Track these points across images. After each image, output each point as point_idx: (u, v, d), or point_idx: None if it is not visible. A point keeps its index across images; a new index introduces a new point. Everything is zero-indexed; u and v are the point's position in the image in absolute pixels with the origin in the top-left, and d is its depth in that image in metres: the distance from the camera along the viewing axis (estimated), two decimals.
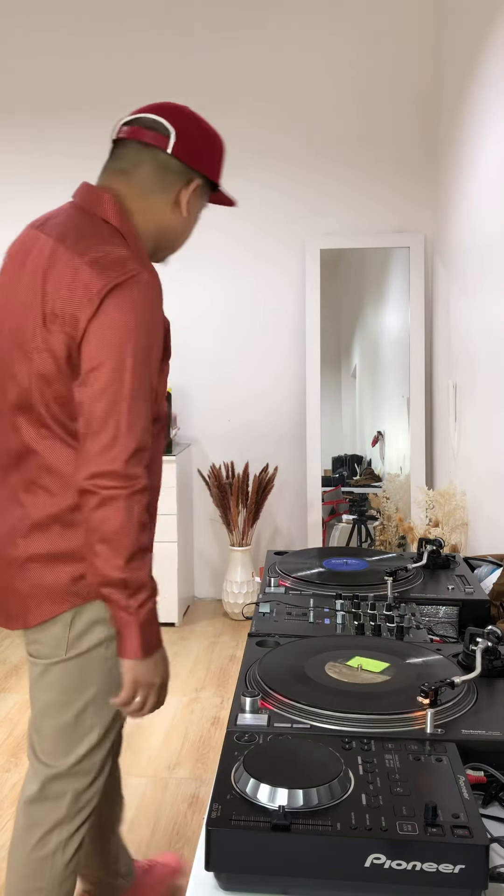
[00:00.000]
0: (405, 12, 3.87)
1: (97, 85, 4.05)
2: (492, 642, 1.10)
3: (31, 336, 1.28)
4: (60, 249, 1.28)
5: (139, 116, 1.38)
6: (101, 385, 1.23)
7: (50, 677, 1.37)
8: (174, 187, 1.39)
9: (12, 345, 1.31)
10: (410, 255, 3.90)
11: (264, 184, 4.03)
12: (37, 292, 1.28)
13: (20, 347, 1.30)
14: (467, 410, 3.03)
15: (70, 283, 1.25)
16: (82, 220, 1.33)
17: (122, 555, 1.23)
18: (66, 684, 1.37)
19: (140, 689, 1.31)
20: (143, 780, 2.48)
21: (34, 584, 1.33)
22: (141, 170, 1.37)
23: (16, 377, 1.31)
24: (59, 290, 1.26)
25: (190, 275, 4.11)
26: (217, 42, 3.97)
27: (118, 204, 1.35)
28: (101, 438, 1.22)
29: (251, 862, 0.75)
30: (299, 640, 1.21)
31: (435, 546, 1.63)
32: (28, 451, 1.32)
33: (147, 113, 1.37)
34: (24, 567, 1.34)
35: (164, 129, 1.37)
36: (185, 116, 1.40)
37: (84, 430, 1.24)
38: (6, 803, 2.35)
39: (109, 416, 1.22)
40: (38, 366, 1.28)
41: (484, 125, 2.78)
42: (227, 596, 3.97)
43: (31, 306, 1.28)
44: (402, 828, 0.75)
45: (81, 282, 1.24)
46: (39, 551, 1.33)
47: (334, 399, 4.03)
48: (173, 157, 1.37)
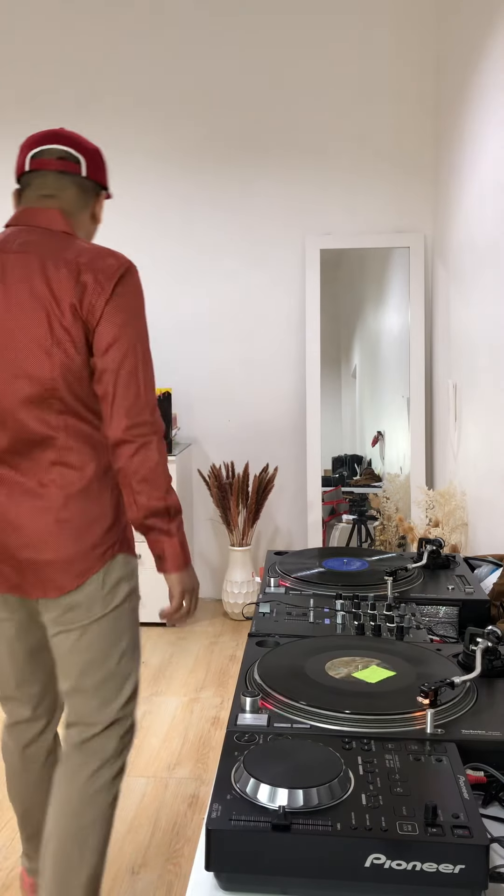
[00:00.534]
0: (405, 12, 3.87)
1: (94, 84, 4.05)
2: (492, 642, 1.10)
3: (49, 335, 1.48)
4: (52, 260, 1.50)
5: (48, 149, 1.58)
6: (122, 354, 1.49)
7: (89, 637, 1.56)
8: (91, 203, 1.65)
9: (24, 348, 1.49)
10: (410, 255, 3.90)
11: (264, 184, 4.03)
12: (45, 300, 1.48)
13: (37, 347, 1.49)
14: (467, 410, 3.03)
15: (79, 280, 1.48)
16: (50, 236, 1.55)
17: (161, 487, 1.51)
18: (104, 639, 1.56)
19: (186, 595, 1.60)
20: (143, 780, 2.48)
21: (73, 551, 1.52)
22: (66, 193, 1.59)
23: (32, 375, 1.49)
24: (70, 289, 1.47)
25: (190, 275, 4.11)
26: (216, 42, 3.97)
27: (68, 219, 1.59)
28: (129, 397, 1.49)
29: (251, 862, 0.75)
30: (299, 640, 1.21)
31: (435, 546, 1.63)
32: (47, 437, 1.52)
33: (51, 144, 1.58)
34: (63, 537, 1.52)
35: (74, 158, 1.60)
36: (83, 142, 1.63)
37: (112, 392, 1.49)
38: (6, 804, 2.35)
39: (132, 378, 1.50)
40: (61, 358, 1.49)
41: (484, 125, 2.78)
42: (227, 596, 3.97)
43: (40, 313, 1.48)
44: (402, 828, 0.75)
45: (91, 276, 1.48)
46: (76, 520, 1.52)
47: (334, 399, 4.03)
48: (88, 178, 1.62)
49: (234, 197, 4.05)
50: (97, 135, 4.06)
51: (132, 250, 4.12)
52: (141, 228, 4.11)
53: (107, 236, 4.12)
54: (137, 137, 4.06)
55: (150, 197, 4.09)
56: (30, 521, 1.52)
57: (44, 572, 1.53)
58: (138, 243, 4.12)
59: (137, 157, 4.07)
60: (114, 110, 4.06)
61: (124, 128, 4.06)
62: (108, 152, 4.08)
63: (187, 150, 4.04)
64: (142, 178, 4.08)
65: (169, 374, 4.19)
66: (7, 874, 2.04)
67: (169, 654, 3.49)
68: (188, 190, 4.06)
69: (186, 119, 4.02)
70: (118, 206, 4.10)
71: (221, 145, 4.02)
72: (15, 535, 1.53)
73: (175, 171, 4.06)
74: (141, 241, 4.11)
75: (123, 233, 4.11)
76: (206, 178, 4.05)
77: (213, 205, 4.06)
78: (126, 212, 4.10)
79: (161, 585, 3.79)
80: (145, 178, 4.08)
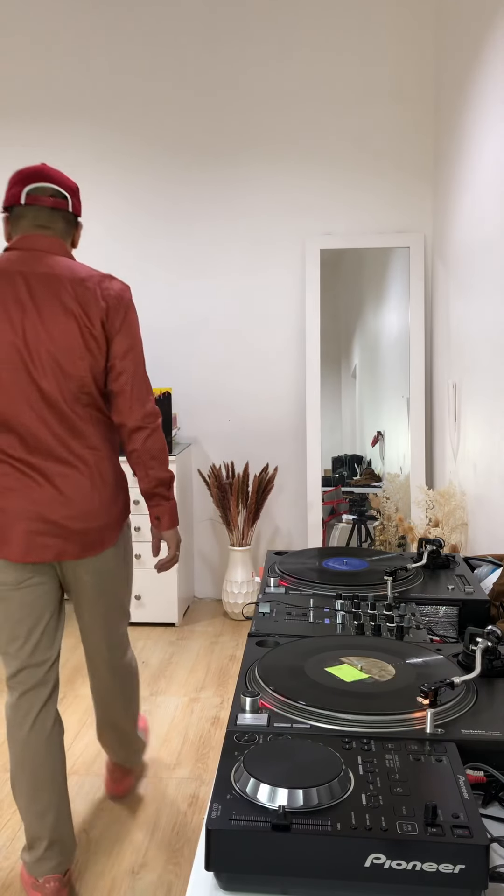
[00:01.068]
0: (405, 12, 3.87)
1: (95, 84, 4.05)
2: (492, 642, 1.10)
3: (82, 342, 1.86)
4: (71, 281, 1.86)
5: (41, 186, 1.91)
6: (135, 360, 1.93)
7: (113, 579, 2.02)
8: (72, 232, 1.99)
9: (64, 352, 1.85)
10: (410, 255, 3.90)
11: (264, 184, 4.03)
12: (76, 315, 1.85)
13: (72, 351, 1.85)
14: (467, 410, 3.03)
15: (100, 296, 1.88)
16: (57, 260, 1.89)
17: (165, 462, 2.00)
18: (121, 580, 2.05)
19: (177, 547, 2.09)
20: (143, 780, 2.48)
21: (108, 518, 1.95)
22: (57, 225, 1.94)
23: (72, 375, 1.86)
24: (95, 308, 1.87)
25: (190, 275, 4.11)
26: (217, 42, 3.97)
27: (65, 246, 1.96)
28: (141, 392, 1.94)
29: (251, 862, 0.75)
30: (299, 640, 1.21)
31: (435, 546, 1.63)
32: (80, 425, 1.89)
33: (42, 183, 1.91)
34: (102, 507, 1.93)
35: (63, 196, 1.94)
36: (68, 181, 1.96)
37: (129, 389, 1.92)
38: (6, 803, 2.35)
39: (142, 378, 1.94)
40: (90, 361, 1.87)
41: (484, 125, 2.78)
42: (227, 596, 3.97)
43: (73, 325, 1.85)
44: (402, 828, 0.75)
45: (106, 294, 1.90)
46: (107, 493, 1.94)
47: (334, 399, 4.03)
48: (72, 213, 1.96)
49: (234, 197, 4.05)
50: (98, 134, 4.07)
51: (133, 250, 4.12)
52: (141, 228, 4.11)
53: (107, 236, 4.12)
54: (138, 137, 4.06)
55: (151, 197, 4.09)
56: (76, 496, 1.89)
57: (89, 536, 1.91)
58: (139, 243, 4.12)
59: (138, 156, 4.07)
60: (114, 110, 4.05)
61: (125, 127, 4.06)
62: (109, 151, 4.08)
63: (188, 150, 4.04)
64: (142, 178, 4.08)
65: (169, 374, 4.19)
66: (7, 874, 2.04)
67: (169, 654, 3.49)
68: (188, 190, 4.06)
69: (187, 119, 4.02)
70: (119, 207, 4.10)
71: (222, 145, 4.02)
72: (65, 510, 1.87)
73: (175, 171, 4.06)
74: (141, 240, 4.11)
75: (124, 233, 4.11)
76: (206, 178, 4.05)
77: (213, 205, 4.06)
78: (127, 212, 4.10)
79: (161, 585, 3.79)
80: (145, 178, 4.08)
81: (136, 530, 3.79)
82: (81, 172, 4.10)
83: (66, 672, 3.30)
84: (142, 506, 3.76)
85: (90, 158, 4.09)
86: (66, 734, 2.77)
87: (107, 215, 4.12)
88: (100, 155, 4.09)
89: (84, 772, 2.52)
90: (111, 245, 4.13)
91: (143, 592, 3.81)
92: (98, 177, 4.10)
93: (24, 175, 1.90)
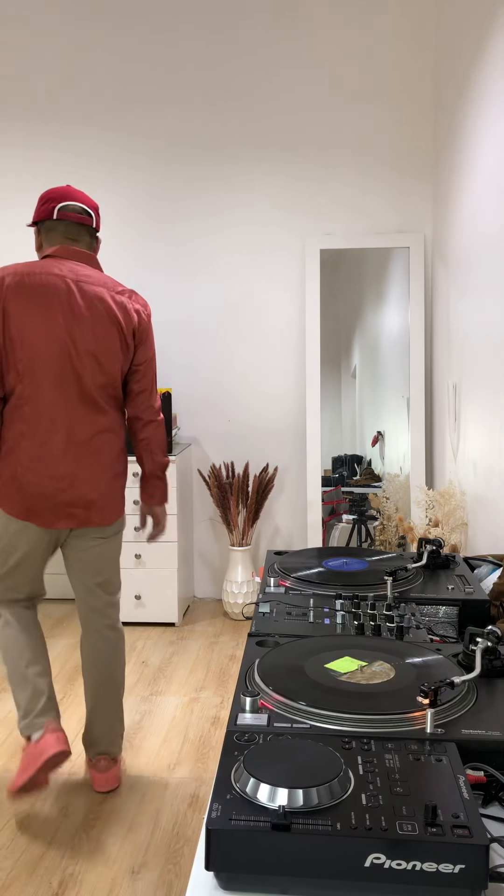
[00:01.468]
0: (405, 12, 3.87)
1: (96, 84, 4.05)
2: (492, 642, 1.10)
3: (120, 344, 2.23)
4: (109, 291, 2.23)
5: (70, 205, 2.24)
6: (154, 365, 2.36)
7: (112, 545, 2.36)
8: (95, 245, 2.33)
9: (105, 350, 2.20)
10: (410, 255, 3.90)
11: (264, 184, 4.03)
12: (116, 321, 2.21)
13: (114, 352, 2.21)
14: (467, 410, 3.03)
15: (132, 309, 2.26)
16: (93, 270, 2.24)
17: (165, 451, 2.42)
18: (117, 547, 2.39)
19: (164, 520, 2.48)
20: (143, 780, 2.48)
21: (117, 493, 2.31)
22: (84, 239, 2.28)
23: (106, 370, 2.21)
24: (131, 315, 2.25)
25: (190, 275, 4.12)
26: (216, 42, 3.97)
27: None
28: (155, 392, 2.37)
29: (251, 862, 0.75)
30: (299, 640, 1.21)
31: (435, 546, 1.63)
32: (104, 413, 2.25)
33: (71, 202, 2.24)
34: (111, 484, 2.28)
35: (88, 213, 2.27)
36: (91, 201, 2.29)
37: (149, 388, 2.34)
38: (6, 803, 2.35)
39: (155, 381, 2.37)
40: (122, 361, 2.25)
41: (484, 125, 2.78)
42: (227, 596, 3.97)
43: (113, 329, 2.21)
44: (402, 828, 0.75)
45: (136, 308, 2.28)
46: (116, 473, 2.30)
47: (334, 399, 4.03)
48: (95, 228, 2.31)
49: (234, 197, 4.05)
50: (98, 134, 4.07)
51: (133, 250, 4.12)
52: (141, 228, 4.11)
53: (107, 236, 4.12)
54: (138, 137, 4.06)
55: (151, 197, 4.09)
56: (102, 475, 2.25)
57: (105, 509, 2.27)
58: (139, 243, 4.12)
59: (138, 157, 4.07)
60: (115, 110, 4.06)
61: (125, 128, 4.06)
62: (109, 152, 4.08)
63: (188, 150, 4.04)
64: (142, 179, 4.08)
65: (169, 374, 4.19)
66: (7, 874, 2.04)
67: (169, 654, 3.49)
68: (188, 190, 4.06)
69: (187, 120, 4.02)
70: (119, 207, 4.10)
71: (222, 145, 4.02)
72: (92, 487, 2.23)
73: (175, 171, 4.06)
74: (142, 241, 4.12)
75: (125, 233, 4.11)
76: (206, 178, 4.05)
77: (213, 205, 4.06)
78: (127, 212, 4.10)
79: (161, 585, 3.80)
80: (146, 178, 4.08)
81: (136, 530, 3.79)
82: (81, 172, 4.10)
83: (67, 673, 3.30)
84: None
85: (90, 159, 4.09)
86: (66, 734, 2.77)
87: (107, 216, 4.11)
88: (100, 156, 4.09)
89: (84, 772, 2.53)
90: (111, 245, 4.13)
91: (143, 592, 3.81)
92: (98, 177, 4.09)
93: (55, 194, 2.24)
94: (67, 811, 2.31)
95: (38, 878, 2.02)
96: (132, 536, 3.79)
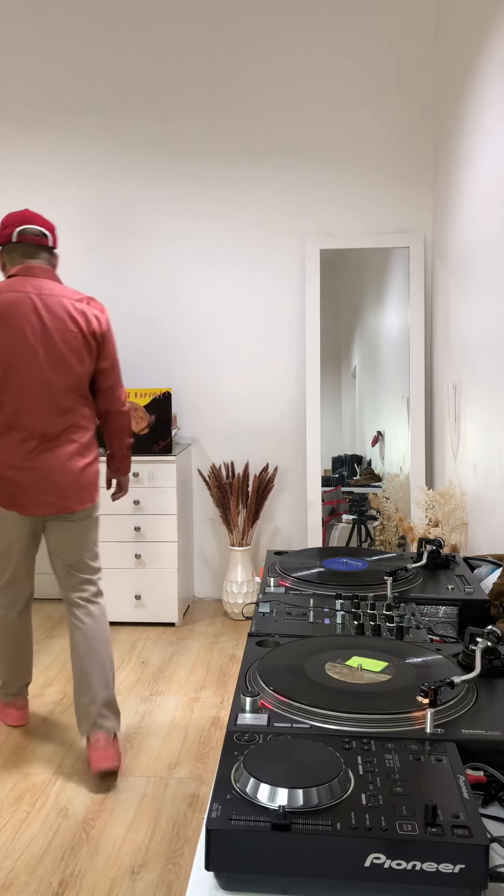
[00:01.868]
0: (405, 13, 3.87)
1: (96, 83, 4.05)
2: (492, 642, 1.10)
3: (84, 348, 2.49)
4: (69, 301, 2.48)
5: (29, 228, 2.51)
6: (118, 365, 2.61)
7: (87, 527, 2.59)
8: (53, 261, 2.59)
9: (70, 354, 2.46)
10: (410, 255, 3.90)
11: (264, 184, 4.03)
12: (78, 327, 2.47)
13: (78, 355, 2.47)
14: (467, 410, 3.03)
15: (91, 315, 2.51)
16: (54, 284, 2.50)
17: (130, 434, 2.70)
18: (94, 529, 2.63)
19: (127, 485, 2.81)
20: (143, 780, 2.48)
21: (87, 482, 2.54)
22: (43, 256, 2.54)
23: (73, 372, 2.47)
24: (90, 321, 2.50)
25: (190, 275, 4.12)
26: (217, 43, 3.97)
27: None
28: (121, 386, 2.62)
29: (251, 862, 0.75)
30: (299, 640, 1.21)
31: (435, 546, 1.63)
32: (72, 410, 2.49)
33: (30, 225, 2.51)
34: (81, 474, 2.51)
35: (45, 235, 2.54)
36: (48, 223, 2.56)
37: (115, 384, 2.60)
38: (6, 803, 2.35)
39: (120, 377, 2.63)
40: (87, 363, 2.51)
41: (484, 125, 2.78)
42: (227, 596, 3.97)
43: (77, 333, 2.47)
44: (402, 828, 0.75)
45: (95, 313, 2.52)
46: (86, 462, 2.53)
47: (334, 399, 4.03)
48: (52, 247, 2.57)
49: (234, 197, 4.05)
50: (98, 134, 4.07)
51: (133, 250, 4.12)
52: (142, 228, 4.11)
53: (107, 237, 4.12)
54: (138, 137, 4.06)
55: (151, 197, 4.09)
56: (70, 465, 2.49)
57: (79, 495, 2.51)
58: (139, 243, 4.12)
59: (138, 157, 4.07)
60: (114, 110, 4.06)
61: (125, 127, 4.06)
62: (109, 151, 4.08)
63: (187, 151, 4.04)
64: (142, 179, 4.08)
65: (169, 374, 4.19)
66: (7, 874, 2.04)
67: (169, 654, 3.49)
68: (188, 190, 4.06)
69: (187, 119, 4.02)
70: (118, 207, 4.10)
71: (222, 145, 4.02)
72: (63, 476, 2.48)
73: (175, 171, 4.06)
74: (142, 240, 4.12)
75: (125, 233, 4.11)
76: (206, 178, 4.05)
77: (213, 205, 4.06)
78: (127, 212, 4.10)
79: (161, 585, 3.79)
80: (146, 178, 4.08)
81: (136, 530, 3.79)
82: (81, 173, 4.10)
83: (67, 672, 3.30)
84: (142, 508, 3.76)
85: (90, 159, 4.09)
86: (66, 737, 2.78)
87: (106, 216, 4.12)
88: (99, 155, 4.09)
89: (84, 772, 2.53)
90: (111, 245, 4.13)
91: (143, 592, 3.81)
92: (98, 177, 4.10)
93: (14, 219, 2.51)
94: (67, 811, 2.32)
95: (38, 878, 2.02)
96: (132, 537, 3.79)
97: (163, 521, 3.77)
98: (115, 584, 3.81)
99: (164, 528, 3.77)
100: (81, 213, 4.13)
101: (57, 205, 4.14)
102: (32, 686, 3.16)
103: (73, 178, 4.13)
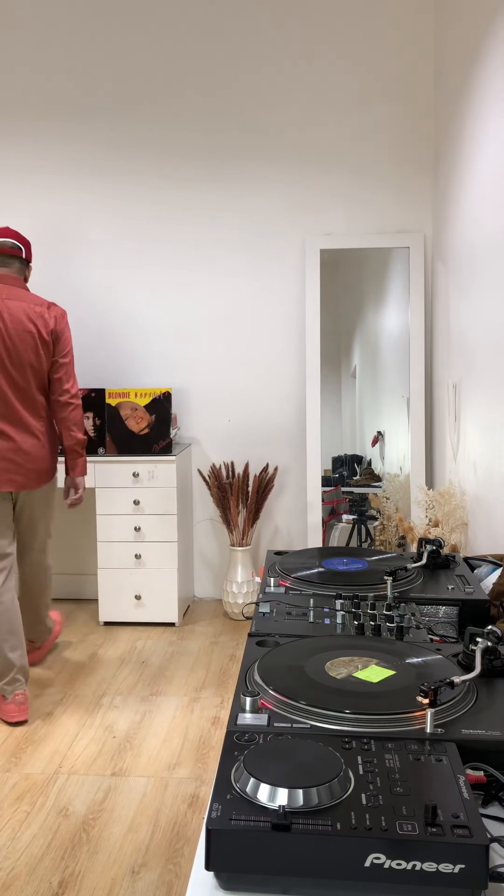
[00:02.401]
0: (405, 13, 3.87)
1: (96, 83, 4.05)
2: (492, 642, 1.10)
3: (39, 346, 2.90)
4: (31, 305, 2.90)
5: (3, 241, 2.93)
6: (70, 358, 3.01)
7: (46, 502, 3.07)
8: (25, 271, 3.02)
9: (27, 351, 2.87)
10: (410, 255, 3.90)
11: (264, 184, 4.03)
12: (35, 328, 2.88)
13: (34, 351, 2.89)
14: (467, 410, 3.03)
15: (49, 317, 2.93)
16: (19, 291, 2.91)
17: (82, 429, 3.05)
18: (52, 503, 3.10)
19: (83, 489, 3.13)
20: (143, 780, 2.48)
21: (50, 464, 3.00)
22: (14, 265, 2.97)
23: (34, 366, 2.90)
24: (47, 322, 2.92)
25: (190, 275, 4.12)
26: (217, 42, 3.97)
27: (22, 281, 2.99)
28: (73, 379, 3.01)
29: (251, 862, 0.75)
30: (299, 640, 1.21)
31: (435, 546, 1.63)
32: (37, 401, 2.93)
33: (7, 239, 2.94)
34: (47, 457, 2.97)
35: (18, 247, 2.97)
36: (22, 237, 2.99)
37: (68, 376, 2.98)
38: (6, 803, 2.35)
39: (73, 371, 3.02)
40: (45, 359, 2.93)
41: (484, 125, 2.78)
42: (227, 596, 3.97)
43: (34, 333, 2.88)
44: (402, 827, 0.75)
45: (53, 315, 2.94)
46: (50, 447, 2.99)
47: (334, 399, 4.03)
48: (25, 259, 3.00)
49: (234, 197, 4.05)
50: (98, 134, 4.07)
51: (132, 251, 4.12)
52: (141, 229, 4.11)
53: (107, 237, 4.12)
54: (138, 137, 4.06)
55: (151, 197, 4.09)
56: (32, 449, 2.92)
57: (39, 475, 2.95)
58: (139, 243, 4.12)
59: (138, 157, 4.07)
60: (114, 109, 4.06)
61: (125, 127, 4.06)
62: (108, 151, 4.08)
63: (187, 151, 4.04)
64: (142, 179, 4.08)
65: (169, 374, 4.19)
66: (7, 874, 2.04)
67: (169, 654, 3.49)
68: (188, 190, 4.06)
69: (187, 119, 4.02)
70: (118, 207, 4.10)
71: (222, 145, 4.02)
72: (25, 457, 2.90)
73: (175, 171, 4.06)
74: (141, 240, 4.12)
75: (124, 234, 4.11)
76: (206, 178, 4.05)
77: (213, 205, 4.06)
78: (127, 212, 4.11)
79: (161, 585, 3.79)
80: (146, 178, 4.08)
81: (136, 530, 3.79)
82: (81, 173, 4.10)
83: (67, 673, 3.30)
84: (142, 508, 3.77)
85: (90, 159, 4.09)
86: (65, 735, 2.78)
87: (106, 216, 4.12)
88: (99, 156, 4.09)
89: (84, 771, 2.53)
90: (111, 246, 4.13)
91: (143, 592, 3.81)
92: (97, 177, 4.10)
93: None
94: (67, 811, 2.32)
95: (38, 878, 2.02)
96: (132, 537, 3.79)
97: (163, 521, 3.77)
98: (116, 584, 3.81)
99: (165, 528, 3.77)
100: (81, 213, 4.13)
101: (58, 205, 4.14)
102: (32, 686, 3.16)
103: (74, 179, 4.13)
